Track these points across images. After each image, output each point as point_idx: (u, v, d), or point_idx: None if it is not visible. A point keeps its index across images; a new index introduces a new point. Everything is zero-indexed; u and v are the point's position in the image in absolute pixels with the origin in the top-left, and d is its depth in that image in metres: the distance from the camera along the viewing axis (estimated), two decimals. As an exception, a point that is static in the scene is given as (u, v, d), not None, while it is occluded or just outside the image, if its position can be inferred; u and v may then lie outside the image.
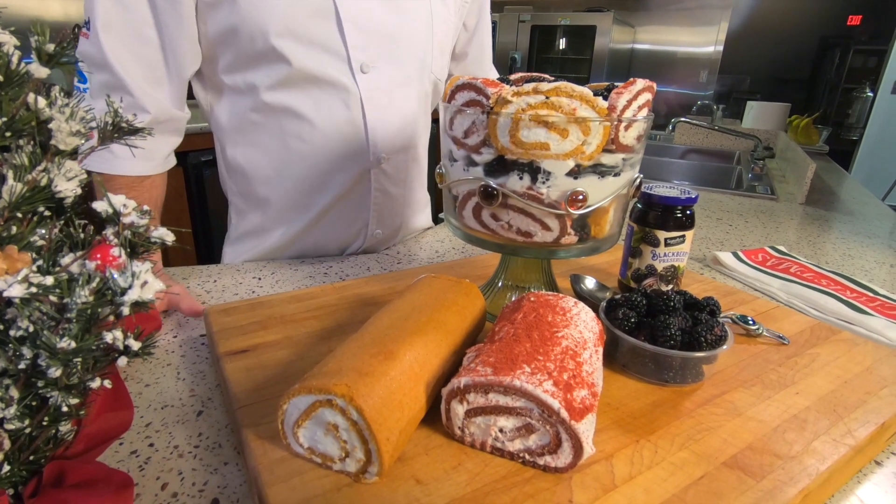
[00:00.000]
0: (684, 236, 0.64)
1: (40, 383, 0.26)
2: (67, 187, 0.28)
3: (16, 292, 0.23)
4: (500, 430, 0.39)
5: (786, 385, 0.50)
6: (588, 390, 0.39)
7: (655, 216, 0.64)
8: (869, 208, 1.40)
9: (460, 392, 0.39)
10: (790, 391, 0.49)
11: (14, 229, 0.26)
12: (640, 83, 0.50)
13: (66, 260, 0.26)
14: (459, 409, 0.40)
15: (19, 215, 0.26)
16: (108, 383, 0.29)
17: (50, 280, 0.24)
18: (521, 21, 4.17)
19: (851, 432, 0.44)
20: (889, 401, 0.48)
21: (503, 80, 0.54)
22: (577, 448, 0.37)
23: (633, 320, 0.51)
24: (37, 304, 0.24)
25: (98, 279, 0.24)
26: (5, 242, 0.25)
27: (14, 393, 0.26)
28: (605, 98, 0.48)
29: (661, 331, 0.48)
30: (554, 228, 0.52)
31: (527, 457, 0.39)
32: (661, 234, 0.63)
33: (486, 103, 0.49)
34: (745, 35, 4.17)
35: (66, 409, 0.27)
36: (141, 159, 0.70)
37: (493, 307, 0.62)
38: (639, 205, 0.66)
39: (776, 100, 2.47)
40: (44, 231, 0.27)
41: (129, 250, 0.26)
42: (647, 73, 0.58)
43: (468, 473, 0.38)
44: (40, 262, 0.25)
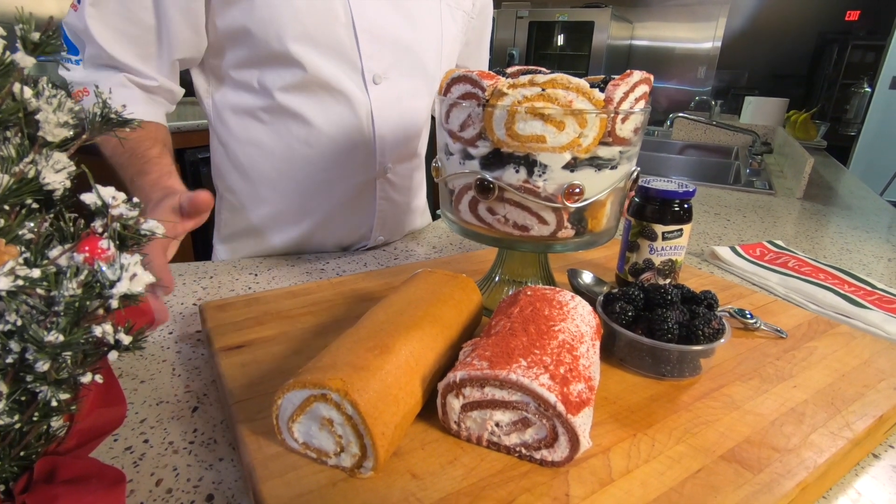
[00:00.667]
0: (682, 230, 0.63)
1: (29, 378, 0.25)
2: (56, 179, 0.27)
3: (2, 285, 0.22)
4: (497, 425, 0.39)
5: (783, 378, 0.50)
6: (585, 384, 0.39)
7: (653, 210, 0.63)
8: (867, 203, 1.40)
9: (456, 386, 0.39)
10: (788, 384, 0.49)
11: (1, 222, 0.25)
12: (637, 75, 0.49)
13: (54, 253, 0.25)
14: (455, 404, 0.39)
15: (6, 208, 0.26)
16: (99, 378, 0.29)
17: (37, 273, 0.23)
18: (518, 17, 4.16)
19: (849, 425, 0.44)
20: (887, 394, 0.48)
21: (499, 72, 0.53)
22: (574, 442, 0.37)
23: (630, 314, 0.50)
24: (24, 297, 0.23)
25: (86, 272, 0.24)
26: (-8, 235, 0.24)
27: (2, 388, 0.25)
28: (602, 90, 0.48)
29: (659, 324, 0.48)
30: (550, 222, 0.52)
31: (523, 451, 0.38)
32: (659, 228, 0.63)
33: (482, 96, 0.48)
34: (743, 31, 4.16)
35: (55, 405, 0.27)
36: (141, 104, 0.70)
37: (490, 302, 0.61)
38: (636, 199, 0.65)
39: (774, 95, 2.47)
40: (32, 224, 0.27)
41: (117, 242, 0.26)
42: (645, 69, 0.58)
43: (464, 468, 0.38)
44: (27, 255, 0.24)
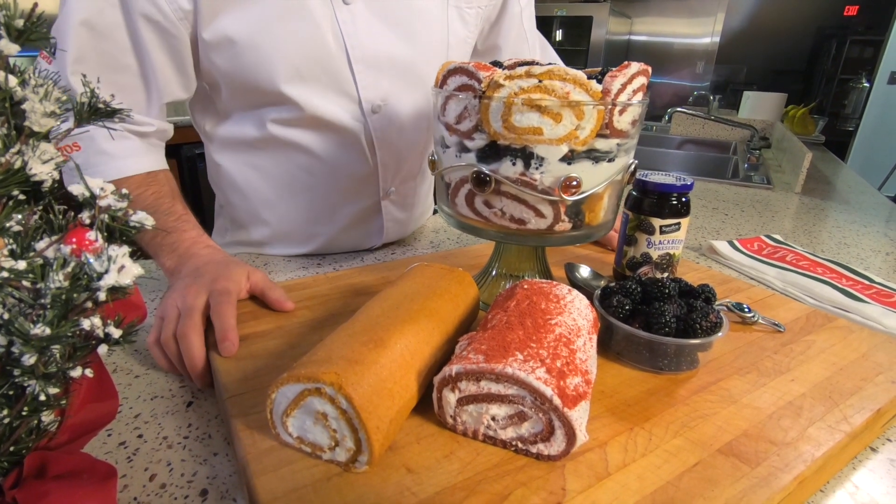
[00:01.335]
0: (680, 224, 0.63)
1: (16, 372, 0.25)
2: (43, 170, 0.27)
3: (-13, 276, 0.22)
4: (493, 419, 0.38)
5: (781, 372, 0.50)
6: (581, 378, 0.38)
7: (651, 203, 0.63)
8: (865, 197, 1.40)
9: (452, 380, 0.39)
10: (785, 378, 0.49)
11: (-13, 213, 0.25)
12: (635, 66, 0.49)
13: (41, 245, 0.25)
14: (451, 398, 0.39)
15: (-8, 199, 0.25)
16: (89, 372, 0.28)
17: (23, 264, 0.23)
18: (517, 12, 4.13)
19: (847, 419, 0.43)
20: (884, 387, 0.48)
21: (496, 63, 0.53)
22: (571, 436, 0.36)
23: (627, 308, 0.50)
24: (9, 290, 0.23)
25: (73, 263, 0.24)
26: (-23, 226, 0.24)
27: (-11, 382, 0.25)
28: (599, 81, 0.47)
29: (656, 318, 0.48)
30: (548, 215, 0.51)
31: (519, 445, 0.38)
32: (657, 222, 0.63)
33: (478, 87, 0.48)
34: (741, 26, 4.15)
35: (45, 399, 0.27)
36: (144, 155, 0.67)
37: (487, 296, 0.61)
38: (634, 192, 0.65)
39: (773, 90, 2.46)
40: (20, 216, 0.26)
41: (105, 234, 0.25)
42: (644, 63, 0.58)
43: (460, 462, 0.37)
44: (14, 247, 0.24)
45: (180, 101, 0.70)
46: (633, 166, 0.55)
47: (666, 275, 0.65)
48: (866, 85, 3.67)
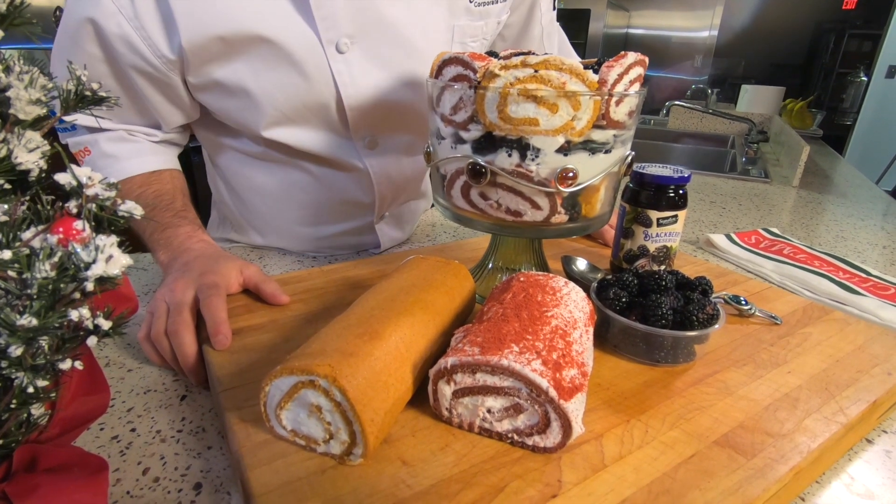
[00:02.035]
0: (677, 216, 0.63)
1: (3, 363, 0.25)
2: (29, 159, 0.26)
3: (-30, 267, 0.21)
4: (488, 411, 0.38)
5: (778, 364, 0.50)
6: (577, 370, 0.38)
7: (648, 196, 0.63)
8: (862, 191, 1.40)
9: (447, 372, 0.38)
10: (782, 370, 0.49)
11: (-29, 203, 0.24)
12: (632, 56, 0.48)
13: (27, 234, 0.24)
14: (447, 390, 0.39)
15: (-23, 188, 0.25)
16: (79, 365, 0.28)
17: (8, 254, 0.23)
18: (514, 5, 4.11)
19: (843, 410, 0.43)
20: (880, 379, 0.48)
21: (491, 53, 0.52)
22: (567, 428, 0.36)
23: (624, 300, 0.50)
24: (-6, 280, 0.22)
25: (60, 253, 0.23)
26: (-39, 216, 0.23)
27: (-25, 374, 0.24)
28: (596, 72, 0.47)
29: (653, 310, 0.47)
30: (544, 207, 0.51)
31: (515, 437, 0.38)
32: (654, 214, 0.62)
33: (474, 77, 0.47)
34: (740, 19, 4.14)
35: (33, 391, 0.26)
36: (149, 155, 0.68)
37: (484, 289, 0.61)
38: (631, 184, 0.65)
39: (771, 84, 2.45)
40: (6, 207, 0.26)
41: (93, 224, 0.25)
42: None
43: (455, 454, 0.37)
44: (-1, 237, 0.24)
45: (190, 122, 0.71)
46: (630, 158, 0.55)
47: (663, 267, 0.65)
48: (864, 79, 3.67)
